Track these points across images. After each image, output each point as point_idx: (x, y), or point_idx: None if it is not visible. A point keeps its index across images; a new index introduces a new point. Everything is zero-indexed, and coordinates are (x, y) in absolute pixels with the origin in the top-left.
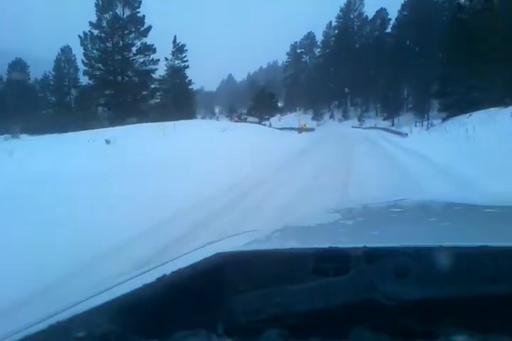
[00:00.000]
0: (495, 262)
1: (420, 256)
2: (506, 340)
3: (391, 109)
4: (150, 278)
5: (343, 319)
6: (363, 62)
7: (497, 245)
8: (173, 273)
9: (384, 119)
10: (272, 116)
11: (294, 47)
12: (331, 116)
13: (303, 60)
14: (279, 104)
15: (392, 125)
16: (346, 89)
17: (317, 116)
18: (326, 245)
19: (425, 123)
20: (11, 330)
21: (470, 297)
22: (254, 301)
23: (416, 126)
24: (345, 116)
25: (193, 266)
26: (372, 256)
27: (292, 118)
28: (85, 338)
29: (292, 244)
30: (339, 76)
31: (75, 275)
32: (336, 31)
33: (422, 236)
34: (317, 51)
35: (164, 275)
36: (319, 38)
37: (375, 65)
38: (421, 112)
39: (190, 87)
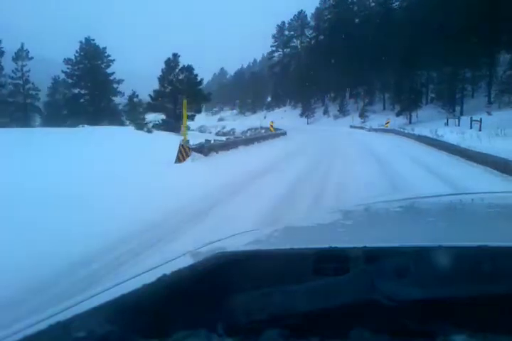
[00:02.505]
0: (494, 262)
1: (420, 256)
2: (506, 340)
3: (405, 101)
4: (150, 277)
5: (343, 319)
6: (365, 40)
7: (496, 245)
8: (173, 272)
9: (397, 115)
10: (254, 112)
11: (281, 28)
12: (325, 112)
13: (292, 44)
14: (268, 99)
15: (410, 123)
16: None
17: (307, 113)
18: (326, 245)
19: (463, 119)
20: (11, 330)
21: (470, 297)
22: (254, 301)
23: (447, 124)
24: (343, 112)
25: (193, 266)
26: (372, 256)
27: (279, 116)
28: (85, 338)
29: (292, 244)
30: (336, 60)
31: None
32: (332, 2)
33: (422, 236)
34: (309, 33)
35: (164, 275)
36: (312, 18)
37: (382, 44)
38: (448, 104)
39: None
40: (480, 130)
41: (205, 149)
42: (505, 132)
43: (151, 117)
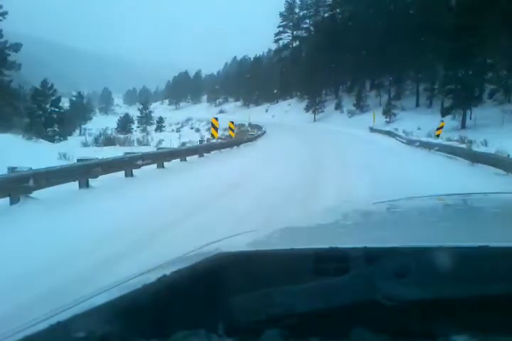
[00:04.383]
0: (495, 262)
1: (420, 256)
2: (506, 340)
3: (458, 95)
4: (150, 278)
5: (343, 319)
6: (395, 15)
7: (497, 245)
8: (173, 273)
9: (443, 114)
10: (258, 104)
11: (290, 5)
12: (338, 107)
13: (304, 25)
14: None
15: (463, 127)
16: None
17: (315, 107)
18: (326, 245)
19: None
20: (11, 330)
21: (470, 297)
22: (254, 301)
23: None
24: (361, 107)
25: (193, 266)
26: (373, 256)
27: (283, 109)
28: (85, 338)
29: (292, 244)
30: (356, 42)
31: None
32: None
33: (422, 237)
34: (324, 11)
35: (164, 276)
36: None
37: (422, 20)
38: None
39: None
40: None
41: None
42: None
43: None
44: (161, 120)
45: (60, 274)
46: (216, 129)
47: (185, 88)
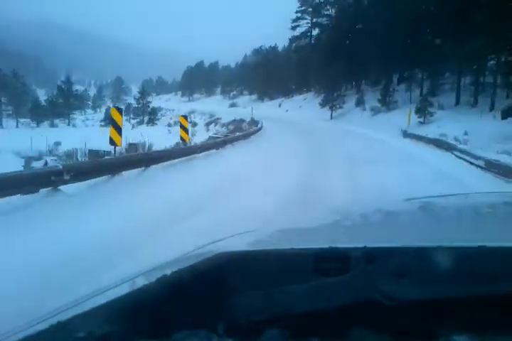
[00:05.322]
0: (494, 262)
1: (420, 256)
2: (506, 340)
3: None
4: (150, 278)
5: (343, 319)
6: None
7: (496, 245)
8: (173, 273)
9: (503, 116)
10: (272, 98)
11: None
12: (359, 103)
13: (325, 12)
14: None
15: None
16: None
17: (332, 103)
18: (326, 245)
19: None
20: (11, 330)
21: (470, 297)
22: (254, 301)
23: None
24: (387, 104)
25: (193, 266)
26: (373, 256)
27: (297, 104)
28: (86, 338)
29: (293, 243)
30: (382, 27)
31: None
32: None
33: (422, 236)
34: None
35: (165, 275)
36: None
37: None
38: None
39: None
40: None
41: None
42: None
43: None
44: (153, 112)
45: None
46: (186, 131)
47: (199, 79)
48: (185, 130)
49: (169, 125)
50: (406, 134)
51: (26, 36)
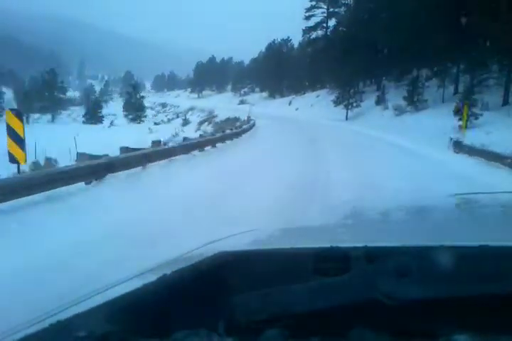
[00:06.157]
0: (495, 262)
1: (421, 255)
2: (506, 340)
3: None
4: (150, 277)
5: (344, 319)
6: None
7: (497, 245)
8: (174, 272)
9: None
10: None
11: None
12: (380, 101)
13: (343, 1)
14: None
15: None
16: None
17: (348, 100)
18: (326, 244)
19: None
20: (11, 330)
21: (470, 297)
22: (254, 301)
23: None
24: (414, 102)
25: (193, 266)
26: (373, 255)
27: (308, 102)
28: (85, 338)
29: (293, 243)
30: (411, 16)
31: None
32: None
33: (423, 236)
34: None
35: (165, 275)
36: None
37: None
38: None
39: None
40: None
41: None
42: None
43: None
44: (140, 108)
45: None
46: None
47: (211, 76)
48: (19, 140)
49: (157, 123)
50: (460, 146)
51: (40, 29)
